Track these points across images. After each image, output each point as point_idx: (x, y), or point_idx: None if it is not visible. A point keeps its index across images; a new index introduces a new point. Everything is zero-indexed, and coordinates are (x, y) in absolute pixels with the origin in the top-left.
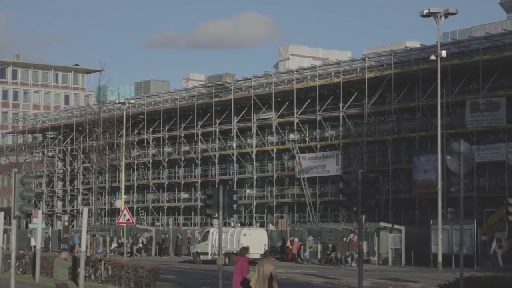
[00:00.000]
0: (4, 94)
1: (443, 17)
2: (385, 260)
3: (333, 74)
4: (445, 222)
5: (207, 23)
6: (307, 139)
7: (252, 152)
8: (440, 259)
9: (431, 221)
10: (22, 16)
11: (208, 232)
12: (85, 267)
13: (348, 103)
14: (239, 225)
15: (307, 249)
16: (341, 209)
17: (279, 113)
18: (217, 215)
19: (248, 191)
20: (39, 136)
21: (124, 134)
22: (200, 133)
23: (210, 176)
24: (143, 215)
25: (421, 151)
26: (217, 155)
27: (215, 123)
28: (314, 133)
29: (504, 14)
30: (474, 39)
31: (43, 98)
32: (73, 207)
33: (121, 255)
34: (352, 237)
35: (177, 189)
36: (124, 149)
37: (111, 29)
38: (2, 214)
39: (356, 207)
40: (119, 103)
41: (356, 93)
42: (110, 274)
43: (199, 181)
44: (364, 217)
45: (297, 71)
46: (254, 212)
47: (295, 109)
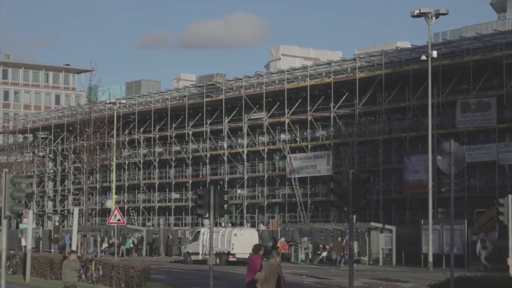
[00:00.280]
0: None
1: (434, 18)
2: (376, 260)
3: (324, 74)
4: (435, 222)
5: (198, 23)
6: (298, 139)
7: (243, 152)
8: (430, 259)
9: (422, 221)
10: (13, 16)
11: (199, 232)
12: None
13: (339, 103)
14: (230, 225)
15: (302, 250)
16: (332, 209)
17: (270, 113)
18: (208, 215)
19: (239, 191)
20: (30, 136)
21: (115, 134)
22: (191, 133)
23: (201, 176)
24: (134, 215)
25: (412, 151)
26: (208, 155)
27: (206, 123)
28: (305, 133)
29: (494, 14)
30: (465, 39)
31: (33, 98)
32: (63, 207)
33: (111, 255)
34: (348, 237)
35: (168, 189)
36: (115, 149)
37: (101, 29)
38: None
39: (347, 207)
40: (110, 103)
41: (347, 93)
42: (101, 274)
43: (190, 181)
44: (355, 217)
45: (288, 71)
46: (245, 212)
47: (286, 109)
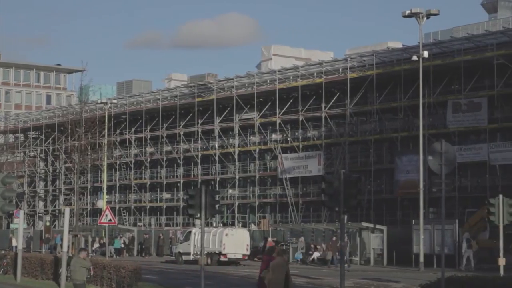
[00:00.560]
0: None
1: (425, 18)
2: (367, 260)
3: (315, 74)
4: (426, 222)
5: (189, 23)
6: (289, 139)
7: (234, 152)
8: (421, 259)
9: (413, 221)
10: (4, 16)
11: (190, 232)
12: (67, 267)
13: (330, 104)
14: (221, 225)
15: (299, 250)
16: (323, 209)
17: (261, 113)
18: (199, 215)
19: (231, 191)
20: (21, 136)
21: (106, 134)
22: (182, 133)
23: (192, 176)
24: (125, 215)
25: (403, 152)
26: (199, 155)
27: (197, 123)
28: (296, 133)
29: (485, 15)
30: (456, 39)
31: (24, 98)
32: (55, 207)
33: (103, 255)
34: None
35: (159, 189)
36: (106, 149)
37: (93, 29)
38: None
39: (338, 207)
40: (101, 103)
41: (338, 94)
42: (92, 274)
43: (181, 181)
44: (346, 217)
45: (279, 71)
46: (237, 212)
47: (277, 109)
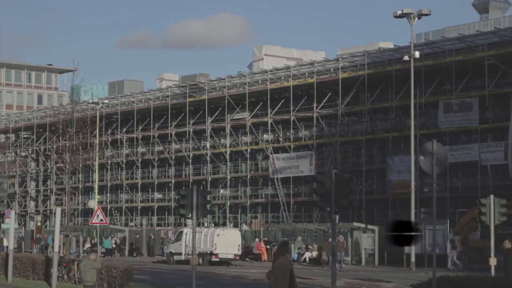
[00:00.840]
0: None
1: (417, 18)
2: (359, 260)
3: (306, 74)
4: (418, 222)
5: (181, 23)
6: (280, 139)
7: (226, 152)
8: (413, 259)
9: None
10: None
11: (181, 232)
12: (58, 267)
13: (322, 104)
14: (213, 225)
15: (296, 249)
16: (314, 209)
17: (253, 113)
18: (190, 215)
19: (222, 191)
20: (12, 136)
21: (98, 134)
22: (174, 133)
23: (184, 176)
24: (116, 215)
25: (394, 152)
26: (191, 155)
27: (189, 123)
28: (288, 133)
29: (476, 15)
30: (447, 40)
31: (16, 98)
32: (46, 207)
33: None
34: (340, 238)
35: (150, 189)
36: (97, 149)
37: (84, 29)
38: None
39: (330, 208)
40: (93, 103)
41: (329, 94)
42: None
43: (173, 181)
44: (337, 217)
45: (271, 71)
46: (228, 212)
47: (269, 109)
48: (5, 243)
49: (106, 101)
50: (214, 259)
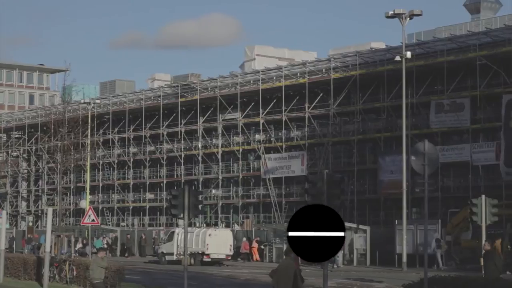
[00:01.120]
0: None
1: (408, 18)
2: (350, 260)
3: (298, 74)
4: (409, 222)
5: (173, 23)
6: (272, 139)
7: (217, 152)
8: (404, 259)
9: (396, 221)
10: None
11: (173, 232)
12: (50, 267)
13: (314, 104)
14: (204, 225)
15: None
16: None
17: (244, 114)
18: (182, 215)
19: (214, 191)
20: (3, 136)
21: (89, 134)
22: (165, 133)
23: (176, 177)
24: (108, 216)
25: (386, 152)
26: (183, 155)
27: (181, 123)
28: (280, 134)
29: (468, 15)
30: (439, 40)
31: (7, 98)
32: (37, 207)
33: (81, 255)
34: None
35: (142, 190)
36: (89, 149)
37: (76, 29)
38: None
39: None
40: (84, 103)
41: (321, 94)
42: (74, 274)
43: (165, 181)
44: None
45: (262, 71)
46: (220, 212)
47: (260, 110)
48: None
49: (98, 101)
50: (205, 259)
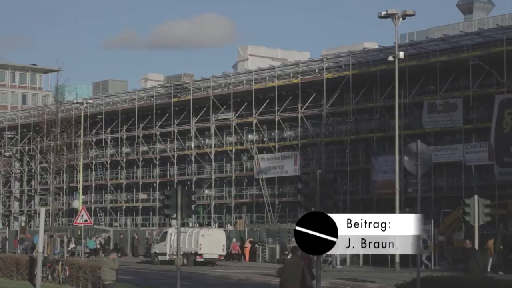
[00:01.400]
0: None
1: (401, 19)
2: (343, 260)
3: (291, 74)
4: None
5: (166, 23)
6: (265, 139)
7: (210, 152)
8: (397, 259)
9: None
10: None
11: (166, 232)
12: (43, 268)
13: (307, 104)
14: (197, 225)
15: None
16: (299, 210)
17: (237, 114)
18: (175, 215)
19: (207, 191)
20: None
21: (82, 134)
22: (158, 133)
23: (169, 177)
24: (101, 216)
25: (379, 152)
26: (176, 156)
27: (174, 123)
28: (273, 134)
29: (461, 15)
30: (432, 40)
31: (0, 98)
32: (30, 207)
33: (73, 255)
34: None
35: (135, 190)
36: (82, 149)
37: (69, 29)
38: None
39: (314, 208)
40: (77, 103)
41: (314, 94)
42: (67, 274)
43: (158, 181)
44: None
45: (255, 71)
46: (213, 212)
47: (253, 110)
48: None
49: (91, 101)
50: (198, 259)
